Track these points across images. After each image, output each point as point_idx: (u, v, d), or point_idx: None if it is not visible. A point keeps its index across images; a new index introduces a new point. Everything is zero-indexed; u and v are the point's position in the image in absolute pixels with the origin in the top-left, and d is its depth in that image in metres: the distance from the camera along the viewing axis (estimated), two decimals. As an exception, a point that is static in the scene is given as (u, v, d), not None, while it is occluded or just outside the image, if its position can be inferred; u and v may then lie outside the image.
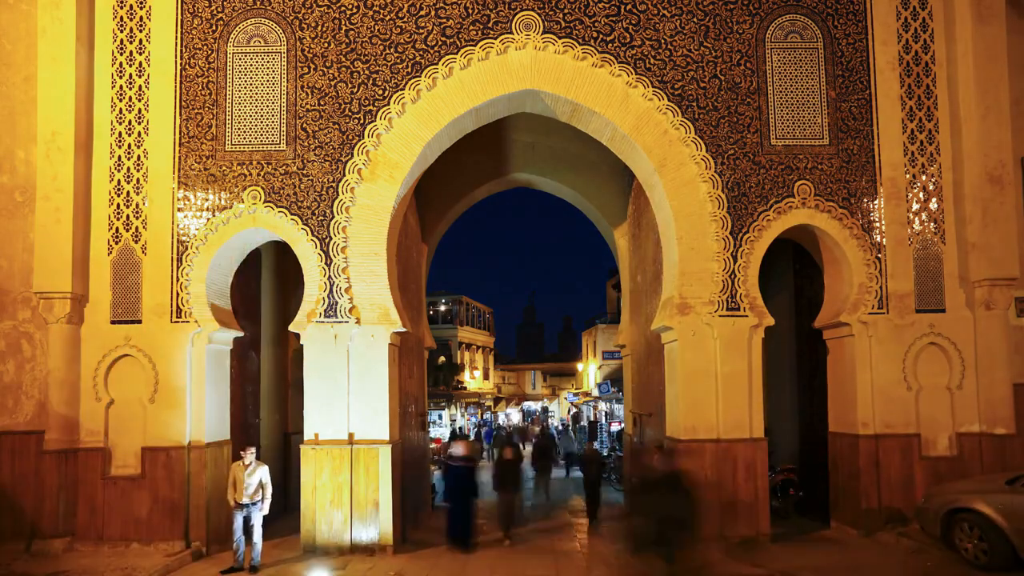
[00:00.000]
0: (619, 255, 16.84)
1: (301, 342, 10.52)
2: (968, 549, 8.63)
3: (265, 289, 13.42)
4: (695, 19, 10.77)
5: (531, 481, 18.96)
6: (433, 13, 10.68)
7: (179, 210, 10.48)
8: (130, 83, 10.59)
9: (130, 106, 10.58)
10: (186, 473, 10.15)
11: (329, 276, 10.43)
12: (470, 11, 10.67)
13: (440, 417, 41.26)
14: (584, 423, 41.65)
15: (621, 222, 16.33)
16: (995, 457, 10.22)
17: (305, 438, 10.35)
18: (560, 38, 10.62)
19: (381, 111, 10.58)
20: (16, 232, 10.37)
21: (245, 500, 9.28)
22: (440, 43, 10.64)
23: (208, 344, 10.42)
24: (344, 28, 10.68)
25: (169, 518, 10.09)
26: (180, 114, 10.58)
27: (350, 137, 10.58)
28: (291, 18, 10.69)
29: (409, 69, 10.62)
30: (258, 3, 10.71)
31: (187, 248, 10.42)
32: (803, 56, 10.81)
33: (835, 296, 11.17)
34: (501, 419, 50.92)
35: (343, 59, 10.65)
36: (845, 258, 10.73)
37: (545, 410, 58.26)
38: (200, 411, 10.33)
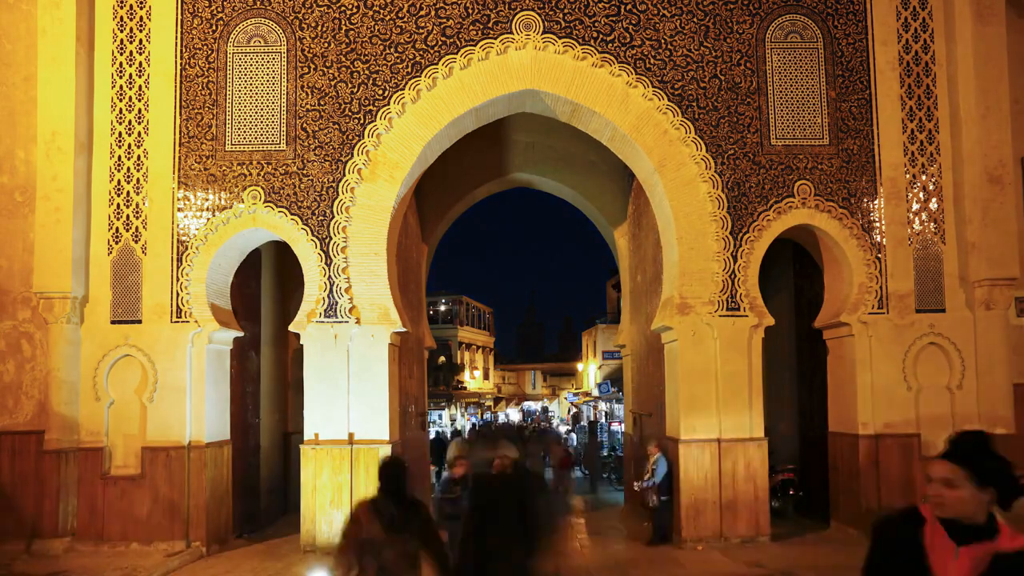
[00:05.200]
0: (619, 255, 16.84)
1: (301, 342, 10.52)
2: (968, 549, 8.62)
3: (265, 289, 13.41)
4: (695, 19, 10.77)
5: None
6: (433, 13, 10.68)
7: (179, 210, 10.48)
8: (130, 83, 10.59)
9: (130, 106, 10.58)
10: (186, 473, 10.14)
11: (329, 276, 10.44)
12: (470, 11, 10.67)
13: (440, 417, 41.27)
14: (584, 423, 41.64)
15: (621, 222, 16.33)
16: (995, 457, 10.20)
17: (305, 438, 10.35)
18: (560, 38, 10.62)
19: (381, 111, 10.58)
20: (16, 232, 10.36)
21: None
22: (440, 43, 10.64)
23: (208, 344, 10.41)
24: (344, 28, 10.68)
25: (169, 518, 10.08)
26: (180, 114, 10.58)
27: (350, 137, 10.58)
28: (291, 18, 10.69)
29: (409, 69, 10.62)
30: (258, 3, 10.71)
31: (187, 248, 10.42)
32: (803, 56, 10.81)
33: (835, 296, 11.17)
34: (501, 419, 50.90)
35: (343, 59, 10.65)
36: (845, 258, 10.73)
37: (545, 410, 58.26)
38: (200, 411, 10.33)
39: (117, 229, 10.47)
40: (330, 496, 10.12)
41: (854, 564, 2.74)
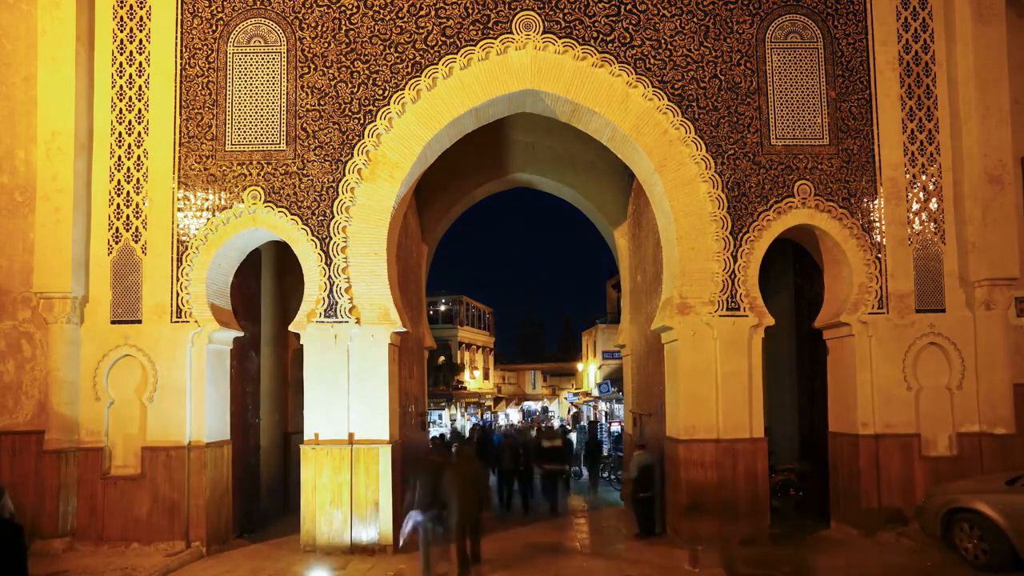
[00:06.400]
0: (619, 255, 16.84)
1: (301, 342, 10.52)
2: (968, 549, 8.63)
3: (265, 289, 13.42)
4: (695, 19, 10.77)
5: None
6: (433, 13, 10.68)
7: (179, 210, 10.48)
8: (130, 83, 10.59)
9: (130, 106, 10.58)
10: (186, 473, 10.14)
11: (329, 276, 10.44)
12: (470, 11, 10.67)
13: (440, 417, 41.27)
14: (584, 423, 41.64)
15: (621, 222, 16.33)
16: (995, 457, 10.22)
17: (305, 438, 10.35)
18: (560, 38, 10.62)
19: (381, 111, 10.58)
20: (16, 232, 10.36)
21: None
22: (440, 43, 10.64)
23: (208, 344, 10.42)
24: (344, 28, 10.68)
25: (169, 518, 10.09)
26: (180, 114, 10.58)
27: (350, 137, 10.58)
28: (291, 18, 10.69)
29: (409, 69, 10.62)
30: (258, 3, 10.71)
31: (187, 248, 10.42)
32: (803, 56, 10.81)
33: (835, 296, 11.16)
34: (501, 419, 50.92)
35: (343, 59, 10.65)
36: (845, 258, 10.72)
37: (545, 410, 58.25)
38: (200, 411, 10.33)
39: (117, 229, 10.47)
40: (330, 496, 10.12)
41: (854, 564, 2.74)
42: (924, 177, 10.71)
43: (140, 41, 10.63)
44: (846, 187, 10.66)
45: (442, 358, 44.44)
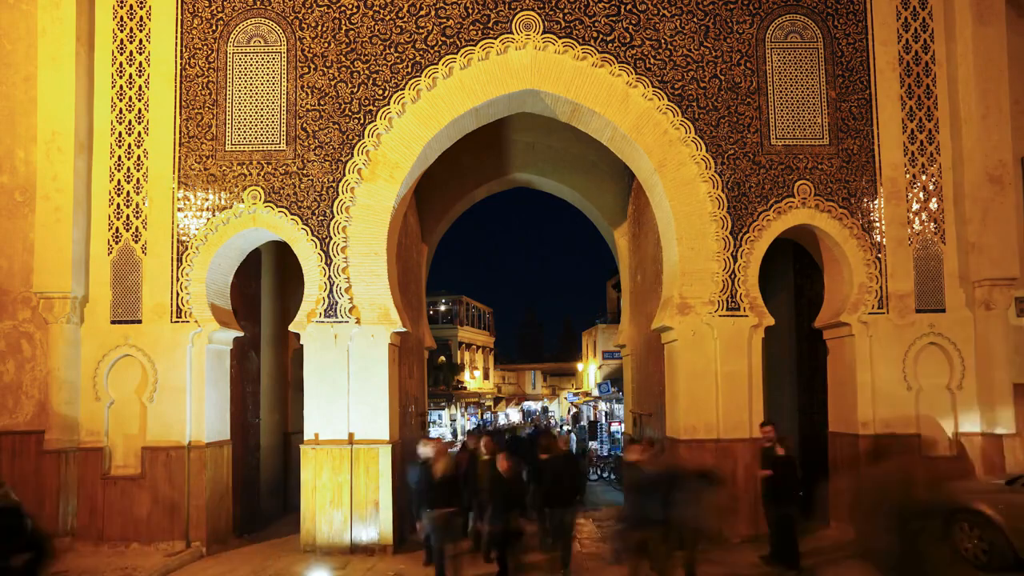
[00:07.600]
0: (619, 255, 16.85)
1: (301, 342, 10.52)
2: (968, 549, 8.64)
3: (265, 289, 13.42)
4: (695, 19, 10.77)
5: None
6: (433, 13, 10.68)
7: (179, 210, 10.48)
8: (130, 83, 10.59)
9: (130, 106, 10.58)
10: (186, 473, 10.14)
11: (329, 276, 10.44)
12: (470, 11, 10.67)
13: (440, 417, 41.27)
14: (584, 423, 41.64)
15: (621, 222, 16.34)
16: (995, 457, 10.21)
17: (305, 438, 10.35)
18: (560, 38, 10.62)
19: (381, 111, 10.58)
20: (16, 232, 10.37)
21: None
22: (440, 43, 10.64)
23: (208, 344, 10.42)
24: (344, 28, 10.68)
25: (169, 518, 10.09)
26: (180, 114, 10.58)
27: (350, 137, 10.58)
28: (291, 18, 10.69)
29: (409, 69, 10.62)
30: (258, 3, 10.71)
31: (187, 248, 10.42)
32: (803, 56, 10.81)
33: (835, 296, 11.16)
34: (501, 419, 50.93)
35: (343, 59, 10.65)
36: (845, 258, 10.73)
37: (545, 410, 58.27)
38: (200, 411, 10.33)
39: (117, 229, 10.47)
40: (330, 496, 10.12)
41: (854, 564, 2.74)
42: (924, 177, 10.71)
43: (140, 41, 10.63)
44: (846, 187, 10.66)
45: (442, 358, 44.45)
